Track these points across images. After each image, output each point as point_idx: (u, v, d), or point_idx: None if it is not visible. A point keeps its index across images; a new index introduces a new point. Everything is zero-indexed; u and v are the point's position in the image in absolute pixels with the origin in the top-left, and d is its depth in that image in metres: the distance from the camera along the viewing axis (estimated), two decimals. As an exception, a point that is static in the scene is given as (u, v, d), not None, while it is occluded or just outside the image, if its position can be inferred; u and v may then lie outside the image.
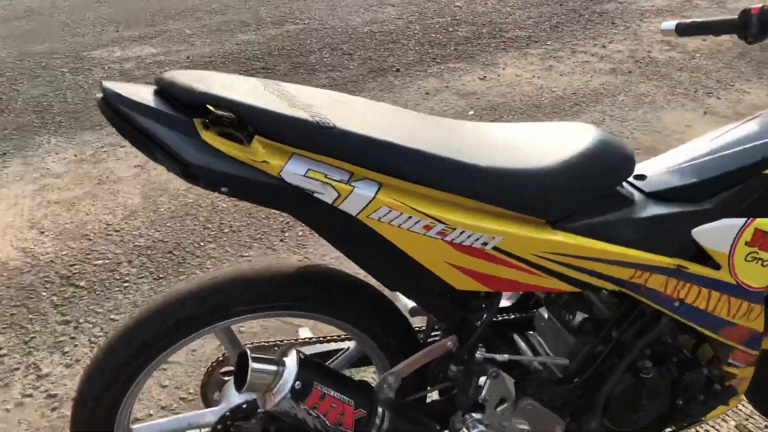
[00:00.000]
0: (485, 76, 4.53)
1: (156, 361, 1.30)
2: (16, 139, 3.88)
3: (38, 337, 2.34)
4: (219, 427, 1.36)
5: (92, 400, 1.27)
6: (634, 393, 1.49)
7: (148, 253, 2.77)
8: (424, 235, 1.17)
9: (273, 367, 1.20)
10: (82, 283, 2.59)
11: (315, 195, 1.10)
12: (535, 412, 1.44)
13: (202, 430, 1.39)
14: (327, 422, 1.22)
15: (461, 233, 1.18)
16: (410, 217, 1.14)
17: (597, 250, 1.29)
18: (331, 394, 1.22)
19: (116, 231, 2.92)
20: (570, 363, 1.49)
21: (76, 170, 3.47)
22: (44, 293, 2.55)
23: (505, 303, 1.63)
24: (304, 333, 1.63)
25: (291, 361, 1.21)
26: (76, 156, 3.64)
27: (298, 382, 1.19)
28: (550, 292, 1.56)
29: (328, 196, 1.11)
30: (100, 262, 2.73)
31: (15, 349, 2.28)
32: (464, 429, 1.37)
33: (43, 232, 2.92)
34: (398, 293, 1.36)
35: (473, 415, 1.38)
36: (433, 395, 1.52)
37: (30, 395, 2.09)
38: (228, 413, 1.36)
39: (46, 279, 2.62)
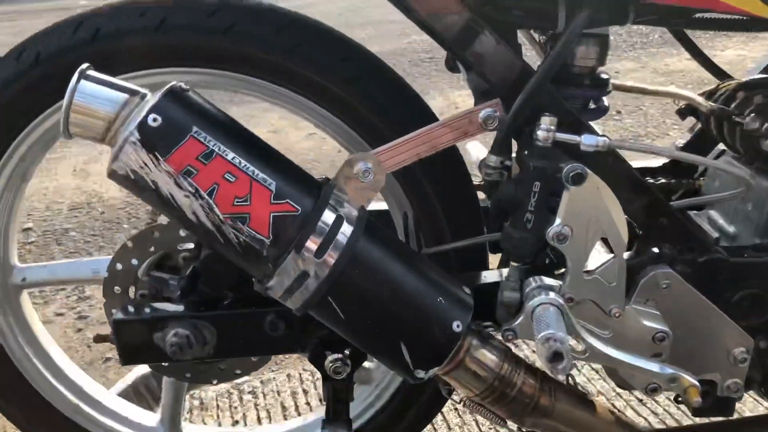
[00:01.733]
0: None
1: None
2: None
3: (98, 263, 2.04)
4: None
5: None
6: None
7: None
8: None
9: (120, 95, 0.65)
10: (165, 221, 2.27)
11: None
12: (681, 299, 0.72)
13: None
14: (214, 207, 0.63)
15: None
16: None
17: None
18: (228, 157, 0.64)
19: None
20: None
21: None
22: (126, 225, 2.27)
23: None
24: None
25: (157, 91, 0.66)
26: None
27: (154, 116, 0.63)
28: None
29: None
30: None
31: (72, 273, 1.99)
32: (527, 298, 0.71)
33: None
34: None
35: (543, 280, 0.71)
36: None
37: (62, 314, 1.76)
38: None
39: (135, 215, 2.35)
